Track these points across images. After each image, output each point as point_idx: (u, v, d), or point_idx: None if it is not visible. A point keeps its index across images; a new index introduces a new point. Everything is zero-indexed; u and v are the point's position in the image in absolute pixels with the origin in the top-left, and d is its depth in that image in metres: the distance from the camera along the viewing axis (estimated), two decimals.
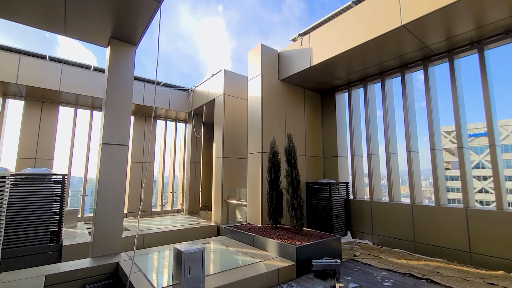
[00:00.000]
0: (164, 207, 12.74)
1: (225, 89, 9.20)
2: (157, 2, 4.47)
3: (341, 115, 8.84)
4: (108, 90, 5.42)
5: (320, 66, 6.98)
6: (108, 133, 5.30)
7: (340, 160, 8.52)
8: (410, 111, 7.05)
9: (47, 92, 9.18)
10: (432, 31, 5.37)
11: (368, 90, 7.98)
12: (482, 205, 54.21)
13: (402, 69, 7.11)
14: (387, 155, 7.30)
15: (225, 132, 9.03)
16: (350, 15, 6.21)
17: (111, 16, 4.87)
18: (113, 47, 5.58)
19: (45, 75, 8.85)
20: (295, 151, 5.97)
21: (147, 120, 12.28)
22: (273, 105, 7.69)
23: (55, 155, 10.13)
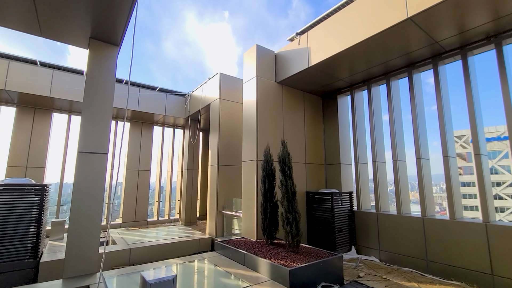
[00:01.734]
0: (161, 216, 12.27)
1: (220, 93, 8.76)
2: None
3: (344, 119, 8.25)
4: (86, 94, 5.01)
5: (319, 66, 6.45)
6: (85, 141, 4.86)
7: (343, 168, 7.90)
8: (419, 114, 6.42)
9: (39, 98, 8.91)
10: (443, 24, 4.79)
11: (372, 92, 7.39)
12: (496, 212, 51.97)
13: (409, 69, 6.52)
14: (394, 163, 6.66)
15: (220, 138, 8.54)
16: (350, 10, 5.69)
17: (87, 15, 4.49)
18: (92, 48, 5.19)
19: (35, 81, 8.59)
20: (289, 159, 5.41)
21: (144, 127, 11.93)
22: (269, 109, 7.17)
23: (48, 163, 9.83)
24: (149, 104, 10.57)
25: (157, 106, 10.78)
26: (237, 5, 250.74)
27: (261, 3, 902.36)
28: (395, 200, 6.61)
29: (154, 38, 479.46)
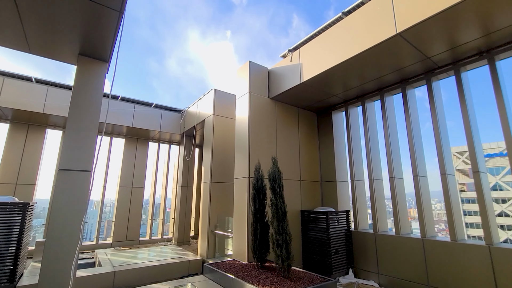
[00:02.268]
0: (154, 235, 11.87)
1: (214, 109, 8.70)
2: (119, 13, 4.05)
3: (339, 135, 8.10)
4: (72, 110, 4.90)
5: (312, 82, 6.39)
6: (67, 157, 4.70)
7: (339, 186, 7.65)
8: (414, 130, 6.27)
9: (33, 114, 8.88)
10: (433, 40, 4.74)
11: (367, 108, 7.28)
12: (503, 230, 50.36)
13: (402, 84, 6.44)
14: (391, 180, 6.42)
15: (214, 154, 8.38)
16: (340, 27, 5.69)
17: (75, 31, 4.47)
18: (80, 64, 5.15)
19: (29, 98, 8.58)
20: (280, 177, 5.20)
21: (139, 143, 11.82)
22: (262, 125, 7.05)
23: (39, 181, 9.64)
24: (144, 120, 10.50)
25: (152, 122, 10.71)
26: (239, 25, 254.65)
27: (262, 23, 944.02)
28: (393, 220, 6.31)
29: (158, 57, 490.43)
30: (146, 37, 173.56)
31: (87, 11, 4.00)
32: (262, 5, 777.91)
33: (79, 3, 3.84)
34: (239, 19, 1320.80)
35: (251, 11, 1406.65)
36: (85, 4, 3.85)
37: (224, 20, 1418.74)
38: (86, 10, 3.97)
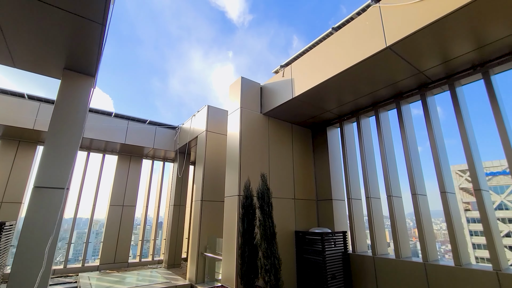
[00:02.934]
0: (144, 257, 11.32)
1: (207, 125, 8.55)
2: (101, 26, 3.98)
3: (335, 152, 7.86)
4: (52, 124, 4.73)
5: (303, 97, 6.25)
6: (43, 174, 4.46)
7: (336, 204, 7.30)
8: (411, 147, 6.04)
9: (24, 131, 8.76)
10: (424, 53, 4.63)
11: (362, 124, 7.10)
12: (510, 251, 48.33)
13: (397, 100, 6.29)
14: (388, 199, 6.10)
15: (206, 171, 8.12)
16: (330, 42, 5.64)
17: (59, 46, 4.40)
18: (65, 78, 5.05)
19: (21, 114, 8.49)
20: (269, 195, 4.91)
21: (132, 160, 11.59)
22: (254, 141, 6.84)
23: (26, 199, 9.33)
24: (137, 137, 10.34)
25: (146, 139, 10.54)
26: (241, 46, 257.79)
27: (263, 44, 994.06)
28: (393, 242, 5.92)
29: (161, 76, 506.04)
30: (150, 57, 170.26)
31: (69, 25, 3.93)
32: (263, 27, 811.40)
33: (61, 16, 3.78)
34: (241, 40, 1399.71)
35: (253, 33, 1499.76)
36: (67, 17, 3.79)
37: (226, 41, 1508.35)
38: (69, 23, 3.90)
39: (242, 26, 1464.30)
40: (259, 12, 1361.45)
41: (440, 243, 72.61)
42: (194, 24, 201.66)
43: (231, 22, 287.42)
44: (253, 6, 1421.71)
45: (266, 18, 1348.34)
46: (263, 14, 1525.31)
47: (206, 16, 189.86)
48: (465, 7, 3.61)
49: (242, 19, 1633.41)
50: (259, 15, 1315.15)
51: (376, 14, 4.71)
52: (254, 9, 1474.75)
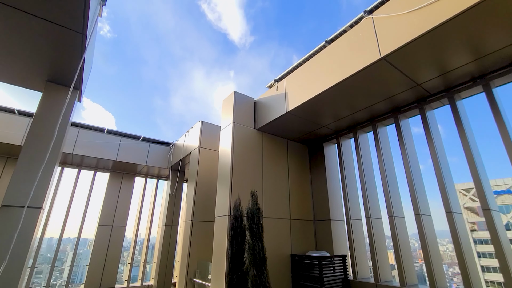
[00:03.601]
0: (133, 282, 10.63)
1: (201, 141, 8.29)
2: (82, 35, 3.82)
3: (332, 169, 7.52)
4: (29, 139, 4.46)
5: (297, 111, 6.02)
6: (15, 192, 4.13)
7: (334, 225, 6.85)
8: (412, 164, 5.71)
9: (12, 147, 8.50)
10: (421, 65, 4.44)
11: (359, 140, 6.81)
12: None
13: (395, 114, 6.05)
14: (390, 219, 5.68)
15: (197, 190, 7.75)
16: (324, 54, 5.49)
17: (40, 56, 4.24)
18: (48, 91, 4.85)
19: (10, 129, 8.27)
20: (259, 216, 4.52)
21: (124, 178, 11.22)
22: (247, 158, 6.53)
23: None
24: (129, 154, 10.04)
25: (139, 156, 10.23)
26: (242, 66, 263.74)
27: (264, 64, 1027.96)
28: (396, 267, 5.43)
29: (164, 95, 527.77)
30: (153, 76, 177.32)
31: (49, 34, 3.77)
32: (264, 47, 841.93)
33: (40, 26, 3.62)
34: (242, 60, 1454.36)
35: (254, 53, 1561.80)
36: (46, 26, 3.63)
37: (228, 62, 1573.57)
38: (48, 33, 3.74)
39: (244, 47, 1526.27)
40: (260, 34, 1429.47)
41: (447, 265, 69.85)
42: (197, 45, 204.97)
43: (233, 44, 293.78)
44: (254, 28, 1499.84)
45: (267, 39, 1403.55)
46: (264, 35, 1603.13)
47: (209, 38, 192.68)
48: (460, 16, 3.44)
49: (244, 40, 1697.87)
50: (260, 36, 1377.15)
51: (369, 25, 4.58)
52: (255, 31, 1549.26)
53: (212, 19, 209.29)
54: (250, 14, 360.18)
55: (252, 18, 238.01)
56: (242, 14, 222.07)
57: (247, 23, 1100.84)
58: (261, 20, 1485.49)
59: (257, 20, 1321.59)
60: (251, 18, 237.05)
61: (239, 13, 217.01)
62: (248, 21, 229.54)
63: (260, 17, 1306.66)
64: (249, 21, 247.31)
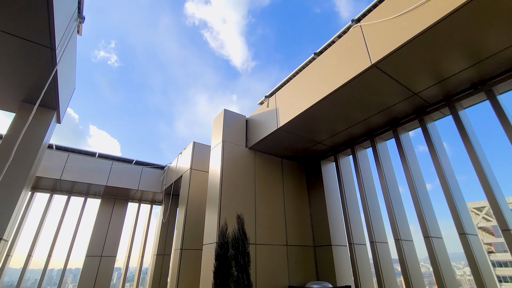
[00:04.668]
0: None
1: (192, 163, 7.90)
2: (51, 50, 3.61)
3: (331, 189, 7.00)
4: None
5: (290, 127, 5.68)
6: None
7: (336, 251, 6.21)
8: (417, 182, 5.21)
9: None
10: (415, 72, 4.13)
11: (358, 157, 6.38)
12: None
13: (394, 127, 5.67)
14: (397, 243, 5.08)
15: (188, 215, 7.23)
16: (313, 67, 5.25)
17: (9, 74, 4.04)
18: (21, 111, 4.60)
19: None
20: (245, 243, 3.99)
21: (116, 204, 10.73)
22: (237, 178, 6.09)
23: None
24: (121, 178, 9.65)
25: (130, 180, 9.83)
26: (244, 90, 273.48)
27: (265, 87, 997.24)
28: None
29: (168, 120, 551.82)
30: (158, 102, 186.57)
31: (17, 50, 3.58)
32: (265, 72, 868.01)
33: (6, 41, 3.44)
34: (244, 84, 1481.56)
35: (255, 77, 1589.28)
36: (12, 41, 3.44)
37: (230, 86, 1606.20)
38: (16, 48, 3.55)
39: (246, 72, 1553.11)
40: (261, 59, 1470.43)
41: None
42: (200, 71, 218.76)
43: (235, 69, 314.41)
44: (255, 54, 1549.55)
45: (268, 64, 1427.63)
46: (265, 60, 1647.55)
47: (212, 64, 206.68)
48: (452, 15, 3.18)
49: (246, 65, 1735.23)
50: (261, 61, 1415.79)
51: (358, 34, 4.35)
52: (257, 56, 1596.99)
53: (214, 47, 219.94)
54: (251, 41, 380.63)
55: (253, 44, 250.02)
56: (243, 41, 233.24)
57: (249, 49, 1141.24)
58: (262, 46, 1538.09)
59: (258, 46, 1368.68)
60: (252, 45, 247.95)
61: (241, 40, 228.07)
62: (249, 48, 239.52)
63: (260, 43, 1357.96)
64: (250, 48, 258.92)
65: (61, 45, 3.76)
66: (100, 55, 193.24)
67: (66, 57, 4.23)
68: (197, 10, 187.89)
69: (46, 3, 2.98)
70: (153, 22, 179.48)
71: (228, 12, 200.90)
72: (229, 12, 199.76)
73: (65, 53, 4.09)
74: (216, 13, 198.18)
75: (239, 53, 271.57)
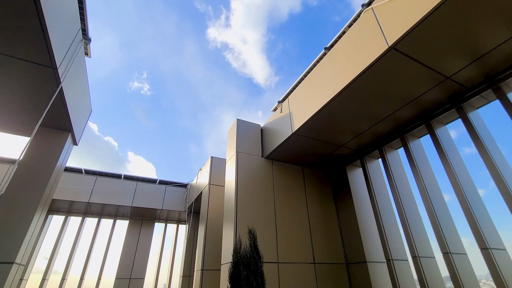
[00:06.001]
0: None
1: (211, 178, 7.67)
2: (53, 69, 3.65)
3: (361, 198, 6.24)
4: (13, 184, 4.20)
5: (305, 131, 5.21)
6: None
7: (373, 269, 5.38)
8: (465, 187, 4.36)
9: None
10: (443, 50, 3.51)
11: (389, 159, 5.64)
12: None
13: (427, 121, 4.92)
14: (446, 257, 4.21)
15: (208, 233, 6.89)
16: (324, 63, 4.82)
17: (21, 99, 4.18)
18: (37, 135, 4.73)
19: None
20: (257, 262, 3.49)
21: (144, 224, 10.78)
22: (254, 191, 5.67)
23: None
24: (145, 199, 9.72)
25: (154, 200, 9.86)
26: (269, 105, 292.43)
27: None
28: None
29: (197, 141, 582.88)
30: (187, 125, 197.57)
31: (21, 73, 3.67)
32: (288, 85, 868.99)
33: (10, 64, 3.54)
34: (269, 99, 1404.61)
35: (280, 91, 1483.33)
36: (16, 65, 3.53)
37: (255, 103, 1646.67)
38: (20, 72, 3.64)
39: (269, 88, 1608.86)
40: (284, 73, 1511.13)
41: None
42: (225, 92, 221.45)
43: (259, 86, 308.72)
44: (278, 69, 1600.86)
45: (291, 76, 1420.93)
46: (287, 73, 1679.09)
47: (236, 84, 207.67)
48: None
49: (269, 81, 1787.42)
50: (284, 75, 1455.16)
51: (371, 17, 3.89)
52: (279, 71, 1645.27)
53: (236, 67, 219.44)
54: (272, 57, 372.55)
55: (275, 60, 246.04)
56: (265, 58, 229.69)
57: (271, 65, 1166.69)
58: (283, 60, 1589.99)
59: (279, 61, 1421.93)
60: (274, 60, 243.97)
61: (262, 58, 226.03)
62: (271, 63, 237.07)
63: (282, 58, 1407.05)
64: (272, 63, 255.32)
65: (64, 64, 3.81)
66: (134, 86, 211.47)
67: (73, 78, 4.31)
68: (218, 35, 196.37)
69: (39, 23, 2.99)
70: (179, 49, 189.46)
71: (248, 32, 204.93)
72: (249, 33, 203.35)
73: (72, 73, 4.16)
74: (237, 35, 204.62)
75: (261, 70, 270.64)
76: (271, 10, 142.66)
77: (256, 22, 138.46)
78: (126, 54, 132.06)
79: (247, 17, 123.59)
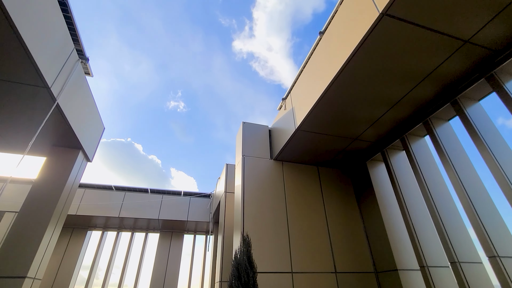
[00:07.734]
0: None
1: (226, 186, 7.50)
2: (46, 89, 3.82)
3: (387, 197, 5.49)
4: (27, 202, 4.46)
5: (309, 126, 4.76)
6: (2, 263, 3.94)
7: (405, 277, 4.59)
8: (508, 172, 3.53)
9: (73, 217, 9.33)
10: (454, 9, 2.89)
11: (414, 150, 4.88)
12: None
13: (452, 97, 4.15)
14: (492, 262, 3.38)
15: (225, 242, 6.66)
16: (320, 48, 4.38)
17: (26, 121, 4.47)
18: (52, 155, 5.03)
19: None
20: (248, 272, 3.09)
21: (173, 237, 10.97)
22: (262, 194, 5.31)
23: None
24: (170, 211, 9.90)
25: (179, 211, 9.99)
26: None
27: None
28: None
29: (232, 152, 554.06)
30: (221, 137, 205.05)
31: (20, 96, 3.92)
32: None
33: (8, 89, 3.79)
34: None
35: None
36: (8, 87, 3.77)
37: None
38: (18, 94, 3.89)
39: None
40: None
41: None
42: (255, 101, 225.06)
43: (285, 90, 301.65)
44: None
45: None
46: None
47: (265, 91, 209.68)
48: None
49: None
50: None
51: None
52: None
53: (264, 75, 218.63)
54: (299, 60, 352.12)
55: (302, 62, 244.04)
56: (291, 63, 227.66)
57: (296, 69, 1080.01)
58: None
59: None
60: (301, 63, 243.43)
61: (289, 63, 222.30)
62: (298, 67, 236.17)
63: None
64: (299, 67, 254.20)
65: (59, 83, 3.98)
66: (171, 105, 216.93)
67: (73, 96, 4.50)
68: (244, 46, 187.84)
69: (20, 44, 3.14)
70: (208, 65, 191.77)
71: (272, 39, 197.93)
72: (273, 39, 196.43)
73: (70, 92, 4.36)
74: (261, 43, 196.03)
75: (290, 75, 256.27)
76: (294, 13, 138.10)
77: (280, 28, 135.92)
78: (161, 76, 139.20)
79: (270, 24, 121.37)
